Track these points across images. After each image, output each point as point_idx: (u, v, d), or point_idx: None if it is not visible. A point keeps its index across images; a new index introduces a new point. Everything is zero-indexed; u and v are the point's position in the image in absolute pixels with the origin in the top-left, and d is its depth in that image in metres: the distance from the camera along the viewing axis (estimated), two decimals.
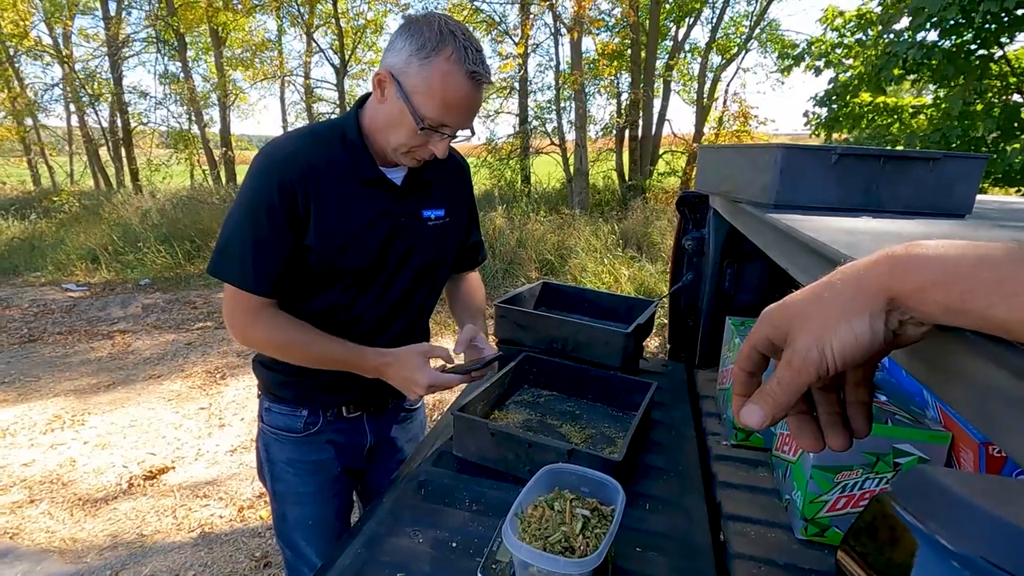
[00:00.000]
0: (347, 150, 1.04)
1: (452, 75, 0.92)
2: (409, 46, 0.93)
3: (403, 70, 0.94)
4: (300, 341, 1.06)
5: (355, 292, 1.11)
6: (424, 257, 1.17)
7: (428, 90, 0.93)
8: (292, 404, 1.19)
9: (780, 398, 0.34)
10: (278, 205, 0.99)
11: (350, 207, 1.05)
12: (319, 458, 1.22)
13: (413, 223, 1.13)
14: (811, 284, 0.35)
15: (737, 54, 11.45)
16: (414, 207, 1.13)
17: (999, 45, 5.27)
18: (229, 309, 1.06)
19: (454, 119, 0.97)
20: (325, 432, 1.21)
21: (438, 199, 1.18)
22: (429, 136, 0.99)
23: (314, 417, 1.20)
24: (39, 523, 2.38)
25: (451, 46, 0.91)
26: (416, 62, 0.92)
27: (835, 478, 0.90)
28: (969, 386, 0.32)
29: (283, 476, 1.23)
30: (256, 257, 1.00)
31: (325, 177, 1.02)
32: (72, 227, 8.09)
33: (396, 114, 0.97)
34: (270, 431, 1.22)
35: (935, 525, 0.19)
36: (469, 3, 10.71)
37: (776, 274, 1.64)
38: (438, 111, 0.94)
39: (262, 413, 1.23)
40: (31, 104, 11.75)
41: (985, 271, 0.26)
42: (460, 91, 0.93)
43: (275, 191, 0.98)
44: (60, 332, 4.78)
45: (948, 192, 0.94)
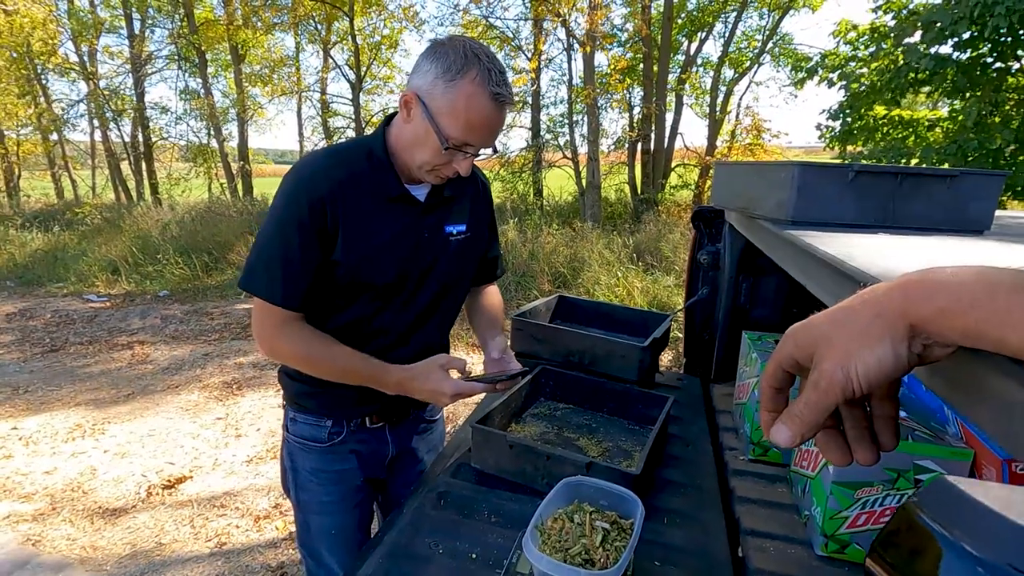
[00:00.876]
0: (373, 167, 1.08)
1: (476, 97, 0.95)
2: (435, 68, 0.96)
3: (429, 92, 0.97)
4: (325, 355, 1.08)
5: (379, 305, 1.13)
6: (446, 272, 1.19)
7: (453, 111, 0.96)
8: (317, 414, 1.21)
9: (808, 418, 0.35)
10: (307, 221, 1.02)
11: (376, 223, 1.08)
12: (342, 468, 1.24)
13: (436, 238, 1.16)
14: (833, 307, 0.36)
15: (750, 68, 11.46)
16: (437, 223, 1.16)
17: (1016, 58, 5.24)
18: (258, 322, 1.09)
19: (477, 138, 1.00)
20: (348, 442, 1.23)
21: (460, 215, 1.21)
22: (453, 155, 1.02)
23: (338, 427, 1.22)
24: (61, 531, 2.41)
25: (476, 68, 0.94)
26: (442, 84, 0.95)
27: (855, 494, 0.90)
28: (991, 404, 0.33)
29: (307, 485, 1.25)
30: (285, 272, 1.03)
31: (352, 193, 1.05)
32: (94, 239, 8.28)
33: (421, 134, 1.00)
34: (295, 441, 1.24)
35: (960, 533, 0.20)
36: (483, 19, 10.87)
37: (792, 289, 1.64)
38: (462, 131, 0.97)
39: (287, 423, 1.25)
40: (57, 119, 12.08)
41: (996, 300, 0.27)
42: (484, 112, 0.96)
43: (304, 208, 1.01)
44: (81, 342, 4.87)
45: (966, 209, 0.95)
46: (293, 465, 1.26)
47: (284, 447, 1.28)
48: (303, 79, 13.93)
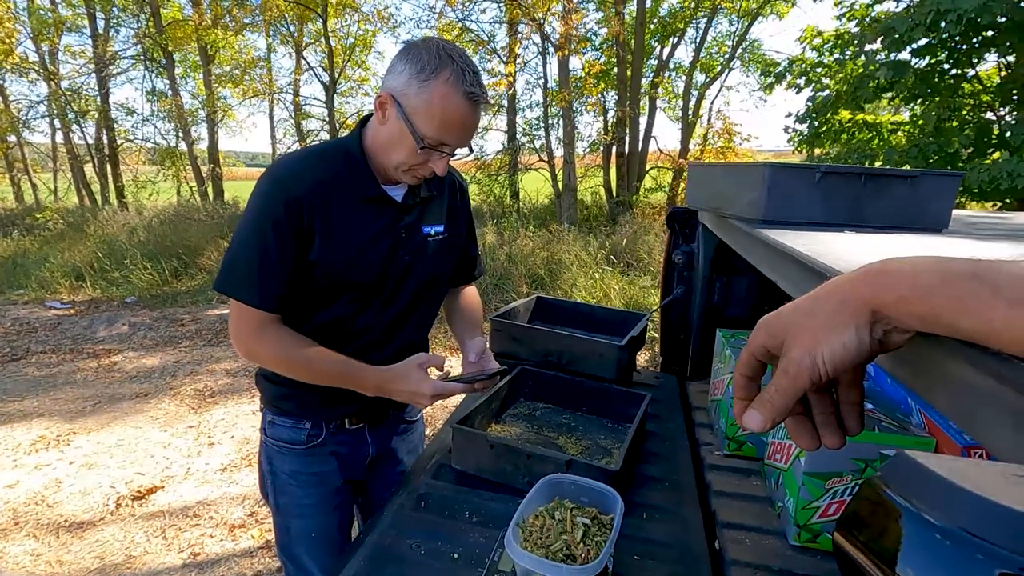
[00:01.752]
0: (350, 168, 1.08)
1: (450, 96, 0.95)
2: (409, 69, 0.97)
3: (403, 92, 0.97)
4: (302, 358, 1.07)
5: (358, 306, 1.13)
6: (424, 271, 1.20)
7: (428, 111, 0.96)
8: (295, 416, 1.20)
9: (778, 403, 0.37)
10: (284, 222, 1.01)
11: (353, 223, 1.08)
12: (322, 470, 1.23)
13: (414, 238, 1.16)
14: (802, 297, 0.38)
15: (720, 73, 11.71)
16: (414, 223, 1.17)
17: (971, 65, 5.47)
18: (235, 324, 1.07)
19: (452, 138, 1.00)
20: (328, 444, 1.22)
21: (437, 215, 1.22)
22: (429, 155, 1.02)
23: (317, 429, 1.21)
24: (24, 546, 2.33)
25: (449, 68, 0.95)
26: (416, 84, 0.96)
27: (826, 484, 0.93)
28: (950, 387, 0.35)
29: (286, 488, 1.23)
30: (262, 274, 1.03)
31: (329, 194, 1.05)
32: (56, 244, 8.00)
33: (397, 134, 1.00)
34: (273, 444, 1.23)
35: (920, 503, 0.22)
36: (459, 23, 10.88)
37: (764, 287, 1.69)
38: (437, 130, 0.98)
39: (265, 426, 1.24)
40: (15, 121, 11.65)
41: (950, 287, 0.29)
42: (458, 111, 0.97)
43: (281, 208, 1.01)
44: (44, 351, 4.71)
45: (926, 208, 0.99)
46: (272, 468, 1.24)
47: (262, 450, 1.27)
48: (275, 81, 13.73)
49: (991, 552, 0.19)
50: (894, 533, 0.23)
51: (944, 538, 0.21)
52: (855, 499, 0.26)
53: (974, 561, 0.20)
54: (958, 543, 0.20)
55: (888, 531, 0.23)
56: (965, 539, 0.20)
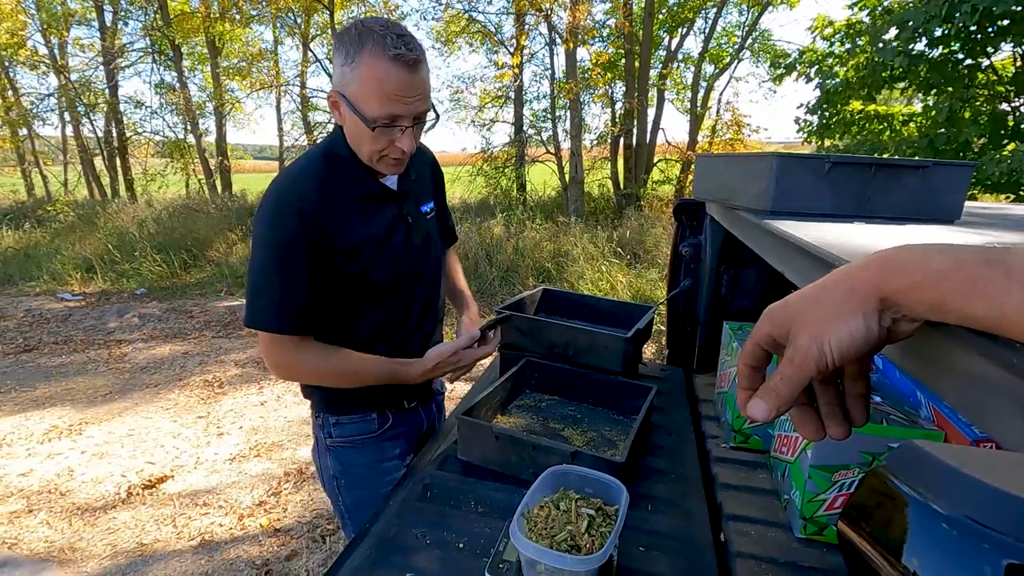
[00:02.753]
0: (346, 170, 1.07)
1: (377, 66, 0.93)
2: (339, 59, 0.96)
3: (343, 83, 0.97)
4: (344, 368, 1.11)
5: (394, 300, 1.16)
6: (433, 250, 1.24)
7: (364, 90, 0.95)
8: (361, 411, 1.24)
9: (783, 392, 0.36)
10: (300, 239, 1.00)
11: (366, 223, 1.08)
12: (393, 454, 1.29)
13: (419, 220, 1.19)
14: (809, 285, 0.37)
15: (730, 63, 11.59)
16: (414, 205, 1.19)
17: (986, 55, 5.37)
18: (270, 353, 1.07)
19: (401, 107, 0.97)
20: (397, 426, 1.28)
21: (427, 193, 1.26)
22: (389, 134, 0.99)
23: (383, 417, 1.26)
24: (37, 533, 2.37)
25: (370, 40, 0.93)
26: (348, 71, 0.95)
27: (832, 477, 0.93)
28: (959, 378, 0.35)
29: (363, 481, 1.27)
30: (286, 298, 1.02)
31: (338, 201, 1.04)
32: (67, 237, 8.08)
33: (354, 127, 1.00)
34: (344, 442, 1.25)
35: (925, 491, 0.21)
36: (465, 14, 10.82)
37: (772, 279, 1.67)
38: (382, 107, 0.95)
39: (329, 430, 1.25)
40: (26, 114, 11.74)
41: (962, 273, 0.28)
42: (392, 78, 0.94)
43: (296, 223, 0.99)
44: (56, 342, 4.76)
45: (937, 199, 0.98)
46: (344, 467, 1.26)
47: (327, 456, 1.27)
48: (282, 73, 13.72)
49: (999, 541, 0.19)
50: (900, 522, 0.22)
51: (951, 527, 0.20)
52: (860, 489, 0.25)
53: (981, 551, 0.19)
54: (965, 532, 0.20)
55: (894, 520, 0.23)
56: (972, 528, 0.20)
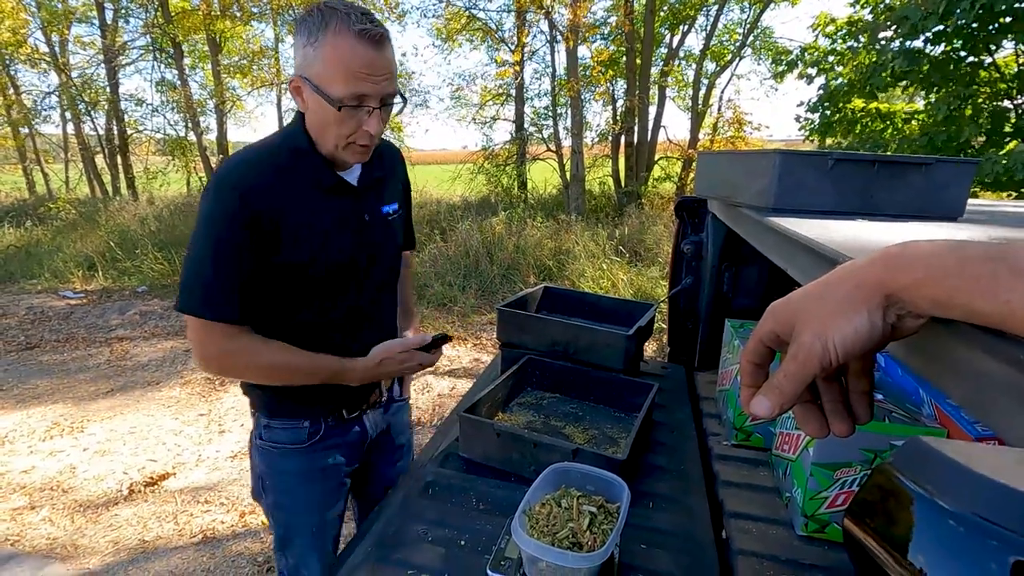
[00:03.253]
0: (301, 160, 1.03)
1: (343, 45, 0.91)
2: (301, 40, 0.94)
3: (305, 66, 0.94)
4: (279, 361, 1.05)
5: (335, 297, 1.11)
6: (390, 251, 1.19)
7: (329, 69, 0.92)
8: (293, 417, 1.17)
9: (787, 389, 0.36)
10: (241, 226, 0.96)
11: (315, 214, 1.04)
12: (326, 464, 1.22)
13: (377, 221, 1.15)
14: (813, 281, 0.37)
15: (731, 61, 11.56)
16: (374, 205, 1.15)
17: (988, 52, 5.36)
18: (200, 343, 1.01)
19: (367, 86, 0.94)
20: (329, 438, 1.21)
21: (392, 194, 1.21)
22: (355, 116, 0.97)
23: (316, 426, 1.19)
24: (40, 530, 2.37)
25: (333, 19, 0.91)
26: (311, 51, 0.93)
27: (834, 475, 0.93)
28: (964, 374, 0.34)
29: (288, 487, 1.21)
30: (223, 283, 0.98)
31: (286, 190, 1.00)
32: (68, 234, 8.08)
33: (319, 112, 0.97)
34: (272, 447, 1.19)
35: (932, 488, 0.21)
36: (466, 11, 10.80)
37: (774, 276, 1.67)
38: (347, 86, 0.93)
39: (260, 431, 1.20)
40: (28, 112, 11.73)
41: (968, 269, 0.28)
42: (356, 54, 0.92)
43: (237, 203, 0.96)
44: (58, 339, 4.77)
45: (940, 196, 0.97)
46: (271, 471, 1.21)
47: (257, 455, 1.22)
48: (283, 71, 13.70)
49: (1006, 538, 0.19)
50: (906, 519, 0.22)
51: (958, 524, 0.20)
52: (866, 485, 0.25)
53: (988, 547, 0.19)
54: (972, 529, 0.20)
55: (900, 517, 0.23)
56: (979, 525, 0.20)
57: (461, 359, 4.43)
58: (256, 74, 12.74)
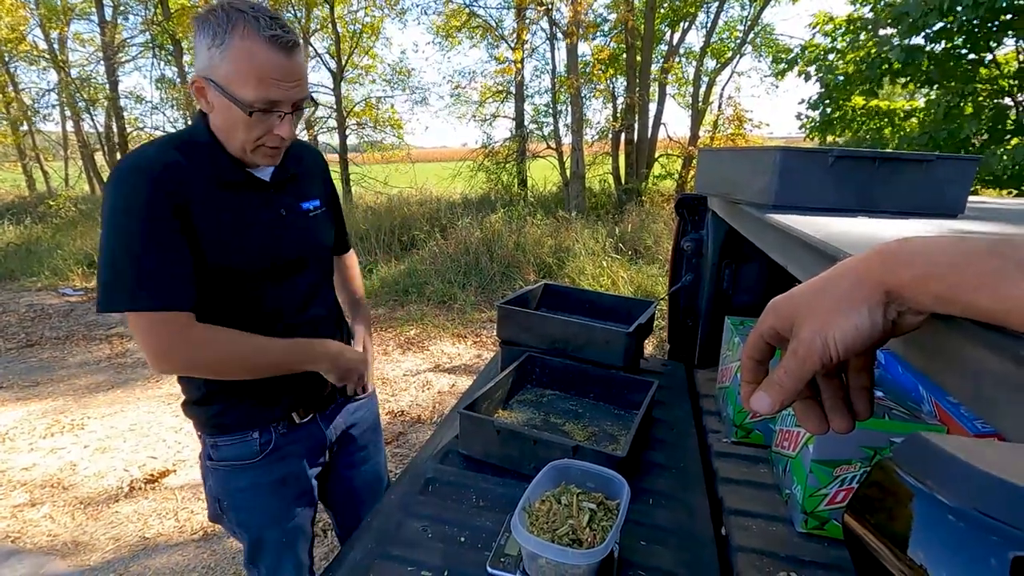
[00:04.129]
0: (206, 156, 1.00)
1: (253, 49, 0.89)
2: (205, 40, 0.91)
3: (210, 67, 0.91)
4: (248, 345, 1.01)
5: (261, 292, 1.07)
6: (316, 246, 1.17)
7: (238, 73, 0.90)
8: (239, 431, 1.12)
9: (787, 385, 0.36)
10: (162, 209, 0.92)
11: (227, 209, 1.01)
12: (284, 474, 1.18)
13: (296, 216, 1.12)
14: (813, 278, 0.37)
15: (731, 58, 11.53)
16: (292, 200, 1.13)
17: (989, 49, 5.35)
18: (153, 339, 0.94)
19: (278, 92, 0.93)
20: (283, 446, 1.16)
21: (311, 191, 1.19)
22: (265, 120, 0.95)
23: (267, 436, 1.14)
24: (41, 527, 2.38)
25: (241, 22, 0.89)
26: (217, 53, 0.90)
27: (834, 472, 0.93)
28: (963, 370, 0.34)
29: (248, 504, 1.16)
30: (171, 269, 0.93)
31: (197, 185, 0.97)
32: (68, 232, 8.08)
33: (225, 114, 0.94)
34: (224, 467, 1.14)
35: (932, 483, 0.21)
36: (466, 8, 10.77)
37: (774, 274, 1.67)
38: (258, 90, 0.91)
39: (208, 452, 1.15)
40: (27, 109, 11.72)
41: (969, 264, 0.28)
42: (268, 61, 0.90)
43: (152, 195, 0.91)
44: (58, 337, 4.77)
45: (941, 193, 0.97)
46: (227, 490, 1.15)
47: (211, 477, 1.16)
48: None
49: (1006, 534, 0.19)
50: (906, 515, 0.22)
51: (958, 519, 0.20)
52: (866, 481, 0.25)
53: (988, 543, 0.19)
54: (972, 525, 0.20)
55: (900, 513, 0.23)
56: (979, 520, 0.20)
57: (461, 356, 4.43)
58: None
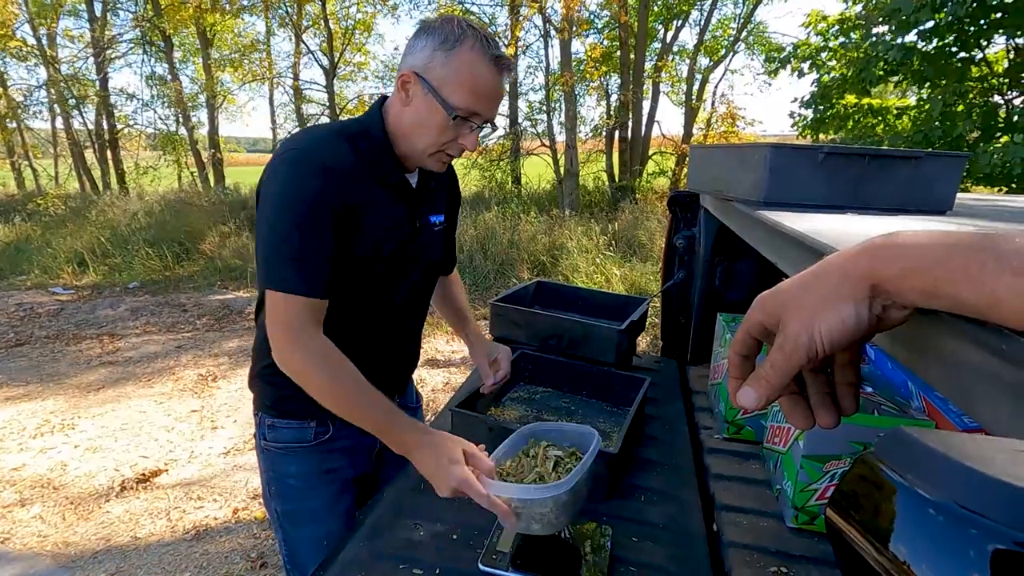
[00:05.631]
0: (374, 150, 1.02)
1: (478, 62, 0.93)
2: (432, 42, 0.93)
3: (428, 66, 0.94)
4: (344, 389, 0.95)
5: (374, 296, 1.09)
6: (431, 261, 1.19)
7: (456, 79, 0.93)
8: (300, 418, 1.14)
9: (773, 380, 0.36)
10: (324, 198, 0.93)
11: (379, 208, 1.03)
12: (331, 467, 1.18)
13: (425, 228, 1.14)
14: (800, 273, 0.37)
15: (725, 56, 11.57)
16: (425, 212, 1.14)
17: (979, 47, 5.38)
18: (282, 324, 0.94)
19: (483, 107, 0.97)
20: (336, 439, 1.17)
21: (441, 205, 1.20)
22: (459, 129, 0.98)
23: (323, 427, 1.16)
24: (31, 527, 2.36)
25: (472, 37, 0.93)
26: (441, 55, 0.93)
27: (824, 467, 0.93)
28: (948, 365, 0.35)
29: (293, 494, 1.17)
30: (309, 258, 0.93)
31: (358, 175, 0.99)
32: (58, 230, 8.00)
33: (424, 112, 0.96)
34: (277, 448, 1.16)
35: (912, 477, 0.21)
36: (459, 4, 10.73)
37: (765, 271, 1.68)
38: (468, 99, 0.94)
39: (264, 432, 1.16)
40: (16, 106, 11.58)
41: (953, 258, 0.28)
42: (487, 77, 0.94)
43: (320, 183, 0.93)
44: (47, 336, 4.73)
45: (930, 190, 0.98)
46: (276, 475, 1.17)
47: (263, 458, 1.18)
48: (275, 65, 13.59)
49: (984, 526, 0.19)
50: (887, 509, 0.22)
51: (938, 513, 0.20)
52: (848, 476, 0.25)
53: (968, 536, 0.19)
54: (952, 518, 0.20)
55: (882, 507, 0.23)
56: (959, 513, 0.20)
57: (455, 354, 4.43)
58: (247, 68, 12.63)
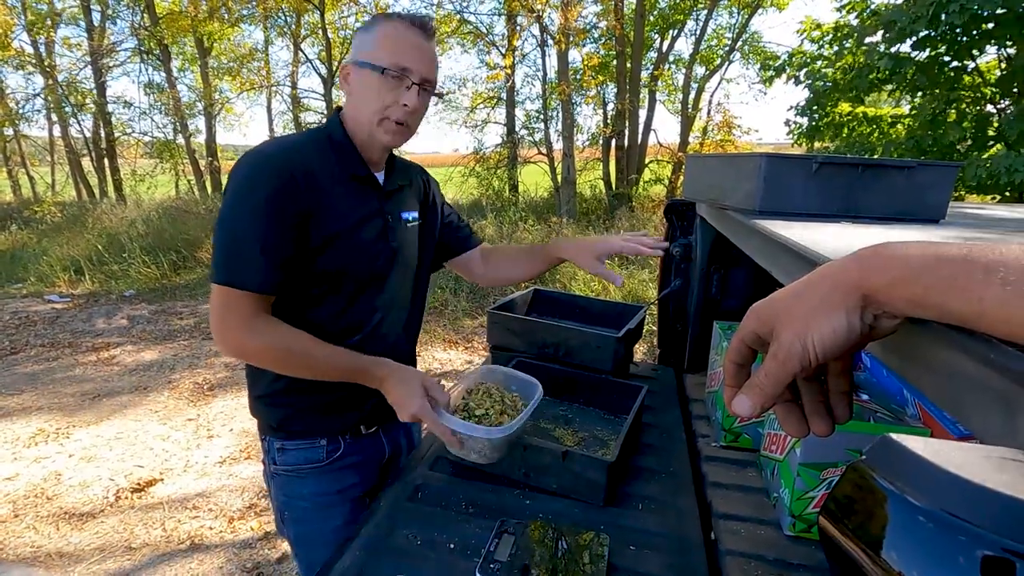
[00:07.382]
0: (336, 151, 1.06)
1: (395, 25, 1.02)
2: (357, 38, 1.06)
3: (357, 51, 1.03)
4: (300, 348, 0.99)
5: (349, 297, 1.09)
6: (410, 257, 1.20)
7: (377, 43, 1.01)
8: (308, 437, 1.14)
9: (767, 389, 0.36)
10: (280, 198, 0.95)
11: (344, 205, 1.05)
12: (344, 486, 1.17)
13: (398, 224, 1.16)
14: (794, 282, 0.38)
15: (720, 65, 11.66)
16: (396, 208, 1.16)
17: (971, 57, 5.44)
18: (221, 316, 0.96)
19: (409, 60, 1.01)
20: (347, 456, 1.17)
21: (411, 202, 1.23)
22: (396, 88, 1.02)
23: (334, 444, 1.15)
24: (24, 538, 2.34)
25: (392, 14, 1.04)
26: (361, 34, 1.04)
27: (821, 475, 0.93)
28: (939, 374, 0.35)
29: (307, 516, 1.17)
30: (256, 254, 0.95)
31: (318, 175, 1.01)
32: (54, 238, 7.99)
33: (361, 85, 1.03)
34: (287, 471, 1.15)
35: (904, 486, 0.22)
36: (457, 14, 10.81)
37: (761, 279, 1.68)
38: (392, 56, 1.00)
39: (274, 457, 1.15)
40: (12, 114, 11.59)
41: (942, 269, 0.29)
42: (405, 34, 1.01)
43: (276, 184, 0.95)
44: (43, 344, 4.71)
45: (922, 199, 0.99)
46: (288, 499, 1.16)
47: (274, 484, 1.17)
48: (273, 73, 13.65)
49: (973, 534, 0.19)
50: (879, 517, 0.23)
51: (928, 520, 0.21)
52: (840, 484, 0.26)
53: (957, 543, 0.20)
54: (941, 525, 0.20)
55: (873, 515, 0.23)
56: (948, 521, 0.20)
57: (453, 362, 4.42)
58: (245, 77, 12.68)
